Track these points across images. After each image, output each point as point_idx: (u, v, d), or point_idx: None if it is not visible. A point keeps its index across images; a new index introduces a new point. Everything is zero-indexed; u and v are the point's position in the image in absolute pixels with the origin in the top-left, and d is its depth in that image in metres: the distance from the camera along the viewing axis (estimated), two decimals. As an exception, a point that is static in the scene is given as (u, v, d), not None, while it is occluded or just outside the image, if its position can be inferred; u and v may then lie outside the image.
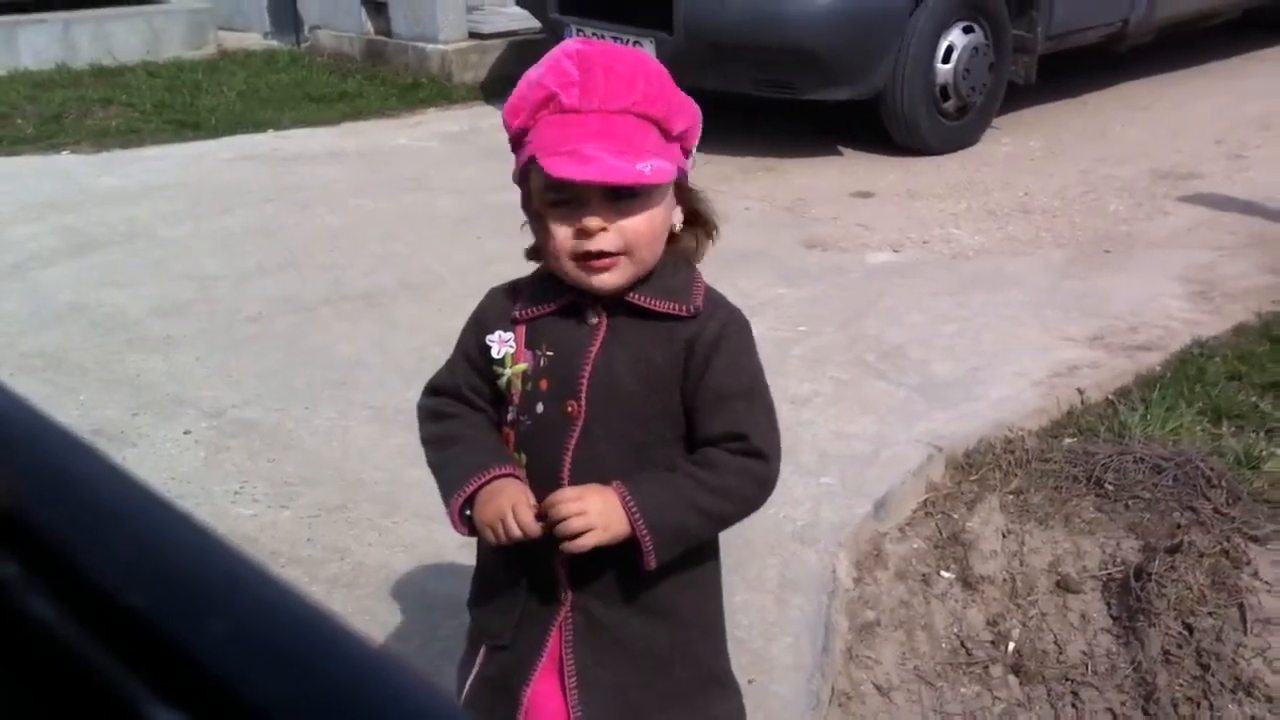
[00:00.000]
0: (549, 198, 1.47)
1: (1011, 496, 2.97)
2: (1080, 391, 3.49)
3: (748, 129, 6.30)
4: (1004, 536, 2.83)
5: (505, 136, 1.54)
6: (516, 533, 1.46)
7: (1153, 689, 2.33)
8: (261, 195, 5.56)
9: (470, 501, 1.51)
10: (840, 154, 6.18)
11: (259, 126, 6.72)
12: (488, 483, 1.50)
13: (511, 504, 1.47)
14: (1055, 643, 2.53)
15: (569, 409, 1.51)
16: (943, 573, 2.77)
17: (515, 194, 1.57)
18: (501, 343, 1.55)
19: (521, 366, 1.54)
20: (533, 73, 1.49)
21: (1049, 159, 6.07)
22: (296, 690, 0.33)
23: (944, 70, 6.07)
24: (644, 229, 1.46)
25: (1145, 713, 2.29)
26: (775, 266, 4.64)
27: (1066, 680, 2.42)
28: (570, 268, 1.48)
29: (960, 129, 6.24)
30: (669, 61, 1.74)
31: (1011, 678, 2.47)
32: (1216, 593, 2.54)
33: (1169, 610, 2.46)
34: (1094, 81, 7.33)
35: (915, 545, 2.87)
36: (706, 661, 1.61)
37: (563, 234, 1.46)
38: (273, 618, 0.35)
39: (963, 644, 2.56)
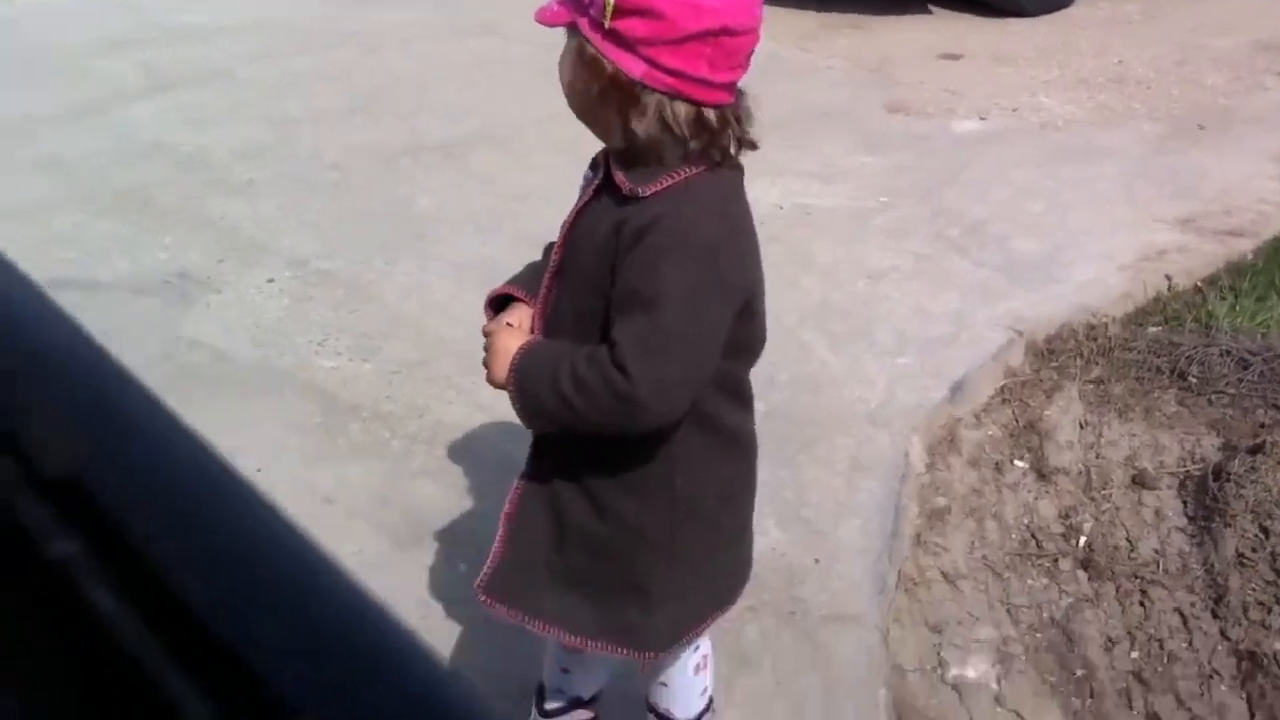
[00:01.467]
0: None
1: (1091, 386, 2.94)
2: (1168, 278, 3.42)
3: (834, -19, 6.10)
4: (1081, 427, 2.82)
5: None
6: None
7: (1224, 591, 2.33)
8: (335, 38, 5.49)
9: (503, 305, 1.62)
10: (930, 12, 5.97)
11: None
12: (501, 293, 1.62)
13: (491, 319, 1.59)
14: (1127, 539, 2.53)
15: (553, 257, 1.56)
16: (1016, 462, 2.76)
17: None
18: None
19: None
20: None
21: (1146, 25, 5.83)
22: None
23: (1044, -75, 5.81)
24: (561, 74, 1.47)
25: (1214, 615, 2.29)
26: (857, 131, 4.53)
27: (1136, 578, 2.42)
28: None
29: (1056, -11, 6.00)
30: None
31: (1080, 572, 2.48)
32: (1295, 496, 2.52)
33: (1246, 512, 2.45)
34: (1200, -60, 6.98)
35: (990, 432, 2.86)
36: (634, 570, 1.57)
37: None
38: (342, 634, 0.33)
39: (1033, 535, 2.57)
